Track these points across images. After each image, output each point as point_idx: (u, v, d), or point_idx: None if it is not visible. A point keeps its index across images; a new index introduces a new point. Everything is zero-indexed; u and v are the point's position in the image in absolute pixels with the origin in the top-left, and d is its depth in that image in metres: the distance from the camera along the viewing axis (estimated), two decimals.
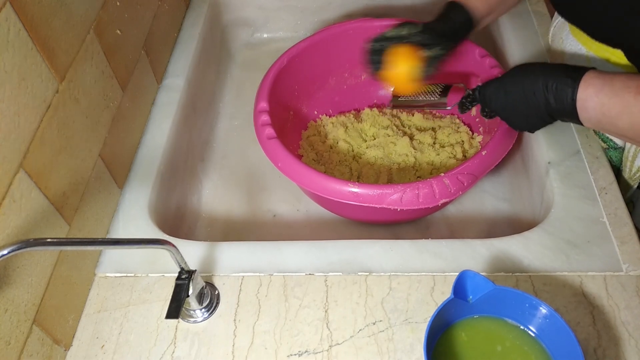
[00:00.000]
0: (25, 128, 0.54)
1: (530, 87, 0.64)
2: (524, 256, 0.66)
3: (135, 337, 0.63)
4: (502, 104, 0.68)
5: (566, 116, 0.64)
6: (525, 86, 0.64)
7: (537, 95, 0.63)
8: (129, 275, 0.69)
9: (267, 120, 0.79)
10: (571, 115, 0.62)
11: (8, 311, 0.52)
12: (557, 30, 0.85)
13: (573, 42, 0.79)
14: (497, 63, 0.83)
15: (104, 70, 0.70)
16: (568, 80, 0.61)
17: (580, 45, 0.78)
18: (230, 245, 0.71)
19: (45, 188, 0.57)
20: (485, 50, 0.86)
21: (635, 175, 0.76)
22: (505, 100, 0.67)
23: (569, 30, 0.81)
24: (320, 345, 0.61)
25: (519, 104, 0.66)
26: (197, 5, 1.07)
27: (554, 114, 0.64)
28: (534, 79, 0.63)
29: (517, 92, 0.65)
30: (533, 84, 0.63)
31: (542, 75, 0.63)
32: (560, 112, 0.63)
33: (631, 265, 0.65)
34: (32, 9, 0.55)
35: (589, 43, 0.76)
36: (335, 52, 0.94)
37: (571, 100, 0.61)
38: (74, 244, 0.52)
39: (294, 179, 0.73)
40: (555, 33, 0.86)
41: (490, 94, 0.69)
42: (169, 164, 0.83)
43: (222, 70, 1.12)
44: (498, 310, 0.58)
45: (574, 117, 0.62)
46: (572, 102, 0.61)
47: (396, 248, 0.68)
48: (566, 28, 0.82)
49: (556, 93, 0.62)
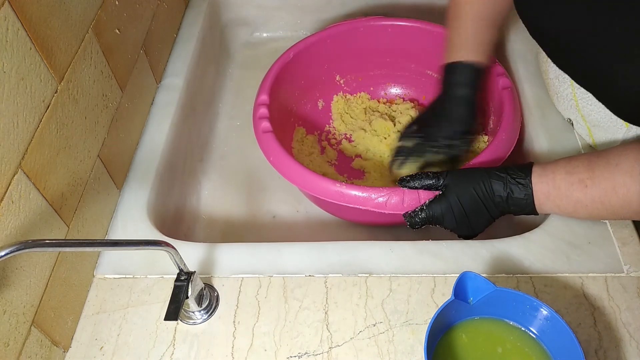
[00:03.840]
0: (24, 128, 0.54)
1: (484, 194, 0.64)
2: (524, 257, 0.66)
3: (134, 339, 0.63)
4: (454, 216, 0.66)
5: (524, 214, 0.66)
6: (478, 194, 0.65)
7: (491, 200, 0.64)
8: (128, 276, 0.68)
9: (265, 113, 0.79)
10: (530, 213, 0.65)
11: (7, 312, 0.52)
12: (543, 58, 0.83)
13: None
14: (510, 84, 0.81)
15: (103, 70, 0.70)
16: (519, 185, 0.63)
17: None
18: (229, 247, 0.70)
19: (44, 189, 0.57)
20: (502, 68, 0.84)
21: None
22: (458, 212, 0.66)
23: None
24: (320, 347, 0.61)
25: (471, 210, 0.65)
26: (196, 5, 1.07)
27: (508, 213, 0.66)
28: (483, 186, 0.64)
29: (470, 201, 0.65)
30: (485, 190, 0.64)
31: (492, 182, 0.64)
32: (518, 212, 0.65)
33: (632, 267, 0.65)
34: (31, 8, 0.54)
35: None
36: (343, 49, 0.94)
37: (531, 205, 0.63)
38: (73, 245, 0.52)
39: (284, 175, 0.73)
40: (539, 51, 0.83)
41: (441, 212, 0.66)
42: (167, 164, 0.82)
43: (221, 70, 1.12)
44: (499, 312, 0.58)
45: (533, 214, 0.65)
46: (531, 205, 0.64)
47: (396, 249, 0.68)
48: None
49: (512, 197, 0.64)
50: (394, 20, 0.93)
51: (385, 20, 0.93)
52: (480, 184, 0.64)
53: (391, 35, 0.93)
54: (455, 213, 0.66)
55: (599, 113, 0.70)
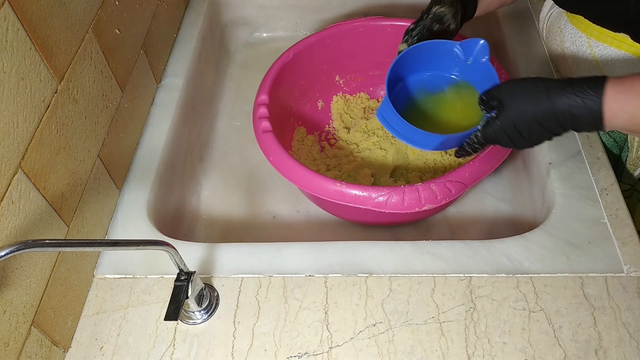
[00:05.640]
0: (24, 128, 0.54)
1: (544, 119, 0.57)
2: (524, 257, 0.66)
3: (134, 339, 0.63)
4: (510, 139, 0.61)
5: (588, 131, 0.59)
6: (537, 118, 0.57)
7: (552, 124, 0.57)
8: (128, 276, 0.68)
9: (265, 113, 0.79)
10: (595, 129, 0.57)
11: (7, 313, 0.52)
12: (552, 22, 0.86)
13: (572, 30, 0.79)
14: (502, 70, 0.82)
15: (103, 70, 0.70)
16: (589, 105, 0.54)
17: (581, 32, 0.78)
18: (229, 247, 0.70)
19: (44, 189, 0.57)
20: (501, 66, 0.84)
21: None
22: (514, 136, 0.60)
23: (567, 20, 0.81)
24: (320, 347, 0.61)
25: (530, 133, 0.59)
26: (196, 5, 1.07)
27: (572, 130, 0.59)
28: (546, 108, 0.56)
29: (528, 125, 0.58)
30: (547, 115, 0.56)
31: (555, 103, 0.56)
32: (581, 130, 0.58)
33: (632, 267, 0.65)
34: (31, 8, 0.54)
35: (590, 29, 0.76)
36: (342, 49, 0.94)
37: (599, 124, 0.55)
38: (73, 245, 0.52)
39: (284, 175, 0.73)
40: (552, 25, 0.86)
41: (496, 134, 0.61)
42: (167, 164, 0.82)
43: (221, 70, 1.12)
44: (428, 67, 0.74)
45: (598, 130, 0.58)
46: (600, 125, 0.55)
47: (396, 249, 0.68)
48: (563, 18, 0.82)
49: (578, 120, 0.56)
50: (394, 20, 0.93)
51: (385, 20, 0.93)
52: (540, 106, 0.57)
53: (391, 35, 0.93)
54: (512, 136, 0.60)
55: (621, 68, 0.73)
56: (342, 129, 0.96)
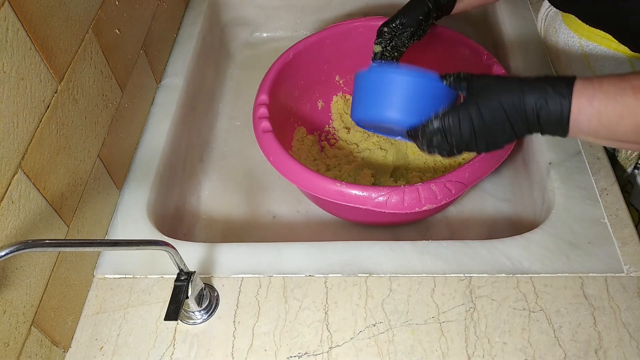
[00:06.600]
0: (24, 128, 0.54)
1: (510, 107, 0.56)
2: (524, 257, 0.66)
3: (134, 339, 0.63)
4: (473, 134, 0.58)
5: (552, 132, 0.57)
6: (504, 104, 0.56)
7: (517, 116, 0.56)
8: (128, 276, 0.68)
9: (265, 113, 0.79)
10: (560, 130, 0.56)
11: (7, 313, 0.52)
12: (549, 22, 0.89)
13: (566, 30, 0.83)
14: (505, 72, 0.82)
15: (103, 70, 0.70)
16: (557, 95, 0.54)
17: (572, 32, 0.81)
18: (229, 247, 0.70)
19: (44, 189, 0.57)
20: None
21: (631, 156, 0.78)
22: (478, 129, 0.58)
23: (561, 20, 0.84)
24: (320, 347, 0.61)
25: (492, 123, 0.57)
26: (196, 5, 1.07)
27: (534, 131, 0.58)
28: (515, 94, 0.56)
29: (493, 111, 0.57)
30: (515, 101, 0.56)
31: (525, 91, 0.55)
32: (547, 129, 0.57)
33: (632, 267, 0.65)
34: (31, 8, 0.54)
35: (581, 29, 0.79)
36: (342, 49, 0.94)
37: (566, 116, 0.54)
38: (73, 245, 0.52)
39: (284, 175, 0.73)
40: (549, 24, 0.89)
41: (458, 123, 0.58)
42: (167, 164, 0.82)
43: (221, 70, 1.12)
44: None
45: (562, 132, 0.56)
46: (566, 117, 0.54)
47: (396, 249, 0.68)
48: (559, 18, 0.85)
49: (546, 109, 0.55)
50: None
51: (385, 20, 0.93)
52: (510, 95, 0.56)
53: None
54: (475, 126, 0.57)
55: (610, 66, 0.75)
56: (342, 129, 0.96)
